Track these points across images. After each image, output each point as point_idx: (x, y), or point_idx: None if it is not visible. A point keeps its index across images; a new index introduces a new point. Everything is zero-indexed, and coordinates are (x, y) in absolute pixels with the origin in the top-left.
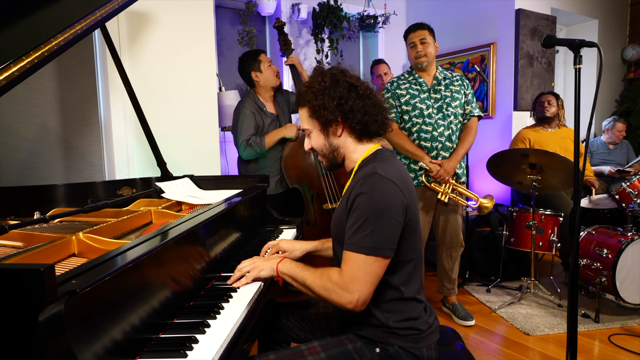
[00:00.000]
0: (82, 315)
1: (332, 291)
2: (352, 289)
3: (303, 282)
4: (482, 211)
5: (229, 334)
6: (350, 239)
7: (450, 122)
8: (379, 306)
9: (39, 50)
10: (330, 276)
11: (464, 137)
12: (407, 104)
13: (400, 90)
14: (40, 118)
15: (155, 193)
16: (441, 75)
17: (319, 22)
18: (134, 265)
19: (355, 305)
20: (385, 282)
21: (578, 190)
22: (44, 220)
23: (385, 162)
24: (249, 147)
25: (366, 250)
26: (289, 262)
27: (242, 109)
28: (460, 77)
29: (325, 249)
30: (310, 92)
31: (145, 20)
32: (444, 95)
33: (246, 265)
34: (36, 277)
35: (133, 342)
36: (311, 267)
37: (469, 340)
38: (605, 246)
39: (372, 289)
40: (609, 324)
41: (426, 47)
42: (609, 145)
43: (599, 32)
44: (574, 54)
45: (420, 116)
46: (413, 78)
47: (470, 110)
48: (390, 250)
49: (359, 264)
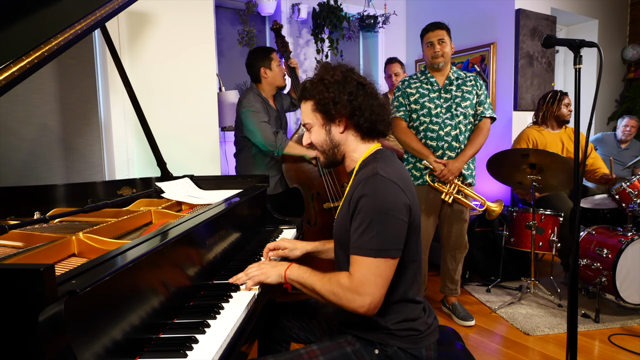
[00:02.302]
0: (82, 315)
1: (343, 296)
2: (363, 292)
3: (312, 287)
4: (490, 215)
5: (229, 334)
6: (356, 243)
7: (459, 122)
8: (380, 309)
9: (39, 50)
10: (340, 281)
11: (473, 138)
12: (415, 103)
13: (410, 89)
14: (40, 118)
15: (155, 193)
16: (454, 75)
17: (319, 22)
18: (134, 266)
19: (367, 309)
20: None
21: (578, 190)
22: (44, 220)
23: (386, 162)
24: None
25: (373, 252)
26: (296, 267)
27: (250, 99)
28: (474, 77)
29: (326, 250)
30: (321, 84)
31: (145, 20)
32: (455, 95)
33: (254, 271)
34: (36, 277)
35: (133, 342)
36: (319, 272)
37: (469, 340)
38: (605, 246)
39: (383, 292)
40: (609, 324)
41: (443, 47)
42: (621, 143)
43: (599, 32)
44: (574, 54)
45: (428, 115)
46: (425, 77)
47: (482, 111)
48: (397, 250)
49: (368, 267)
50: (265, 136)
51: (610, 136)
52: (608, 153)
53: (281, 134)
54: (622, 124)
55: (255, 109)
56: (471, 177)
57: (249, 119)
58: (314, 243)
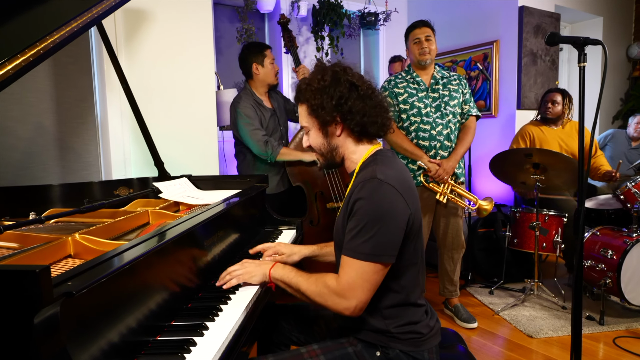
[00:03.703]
0: (78, 317)
1: (329, 298)
2: (348, 296)
3: (297, 288)
4: (481, 213)
5: (228, 336)
6: (348, 244)
7: (449, 121)
8: (380, 312)
9: (35, 48)
10: (327, 282)
11: (463, 137)
12: (404, 103)
13: (398, 89)
14: (36, 117)
15: (153, 193)
16: (439, 74)
17: (319, 20)
18: (130, 267)
19: (352, 311)
20: (386, 287)
21: (582, 190)
22: (39, 220)
23: (386, 164)
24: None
25: (364, 256)
26: (281, 267)
27: (242, 104)
28: (458, 76)
29: (324, 254)
30: (308, 91)
31: (143, 17)
32: (442, 94)
33: (236, 269)
34: (32, 279)
35: (130, 344)
36: (305, 273)
37: (472, 342)
38: (610, 247)
39: (369, 296)
40: (614, 326)
41: (430, 45)
42: (632, 141)
43: (604, 29)
44: (578, 52)
45: (419, 115)
46: (411, 77)
47: (469, 109)
48: (390, 256)
49: (356, 270)
50: (256, 146)
51: (621, 133)
52: (618, 150)
53: (272, 142)
54: (634, 122)
55: (247, 115)
56: (463, 176)
57: (241, 127)
58: (312, 247)
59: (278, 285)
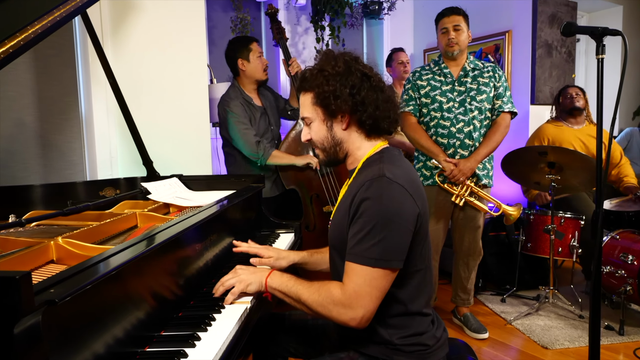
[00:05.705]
0: (61, 327)
1: (333, 308)
2: (355, 305)
3: (297, 298)
4: (507, 220)
5: (221, 347)
6: (354, 249)
7: (473, 117)
8: (384, 322)
9: (15, 39)
10: (331, 291)
11: (489, 135)
12: (426, 97)
13: (421, 82)
14: (16, 113)
15: (141, 194)
16: (470, 65)
17: (319, 9)
18: (117, 273)
19: (358, 322)
20: (391, 295)
21: (600, 190)
22: (19, 223)
23: (393, 162)
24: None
25: (372, 261)
26: (279, 275)
27: (231, 104)
28: (492, 67)
29: (313, 261)
30: (321, 76)
31: (130, 6)
32: (469, 87)
33: (230, 279)
34: (11, 286)
35: (117, 356)
36: (305, 281)
37: (482, 354)
38: (631, 252)
39: (377, 304)
40: (635, 336)
41: (459, 35)
42: None
43: (624, 19)
44: (597, 43)
45: (439, 110)
46: (438, 68)
47: (500, 105)
48: (398, 261)
49: (364, 277)
50: (246, 146)
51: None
52: (637, 149)
53: (264, 143)
54: None
55: (237, 113)
56: (487, 178)
57: (232, 126)
58: (302, 253)
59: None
